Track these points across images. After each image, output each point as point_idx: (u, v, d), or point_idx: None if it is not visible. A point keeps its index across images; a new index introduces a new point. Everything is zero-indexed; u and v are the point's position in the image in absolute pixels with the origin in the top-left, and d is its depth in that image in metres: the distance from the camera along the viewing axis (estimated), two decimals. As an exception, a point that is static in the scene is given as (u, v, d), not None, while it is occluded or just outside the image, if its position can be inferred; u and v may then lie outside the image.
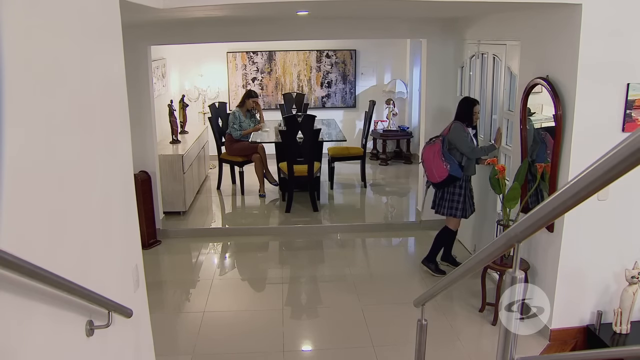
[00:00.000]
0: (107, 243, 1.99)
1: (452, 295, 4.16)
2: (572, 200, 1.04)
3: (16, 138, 1.28)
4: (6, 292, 1.22)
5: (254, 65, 8.47)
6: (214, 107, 7.27)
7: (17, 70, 1.30)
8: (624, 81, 3.18)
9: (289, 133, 5.88)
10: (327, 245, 5.50)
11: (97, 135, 1.90)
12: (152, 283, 3.28)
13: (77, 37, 1.73)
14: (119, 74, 2.18)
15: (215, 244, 5.57)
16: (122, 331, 2.09)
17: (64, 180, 1.59)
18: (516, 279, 1.40)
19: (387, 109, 8.36)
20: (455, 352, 3.50)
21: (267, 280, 4.71)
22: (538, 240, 3.64)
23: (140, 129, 5.13)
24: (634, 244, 3.43)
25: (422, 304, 2.37)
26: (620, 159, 0.87)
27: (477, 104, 4.19)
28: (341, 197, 6.91)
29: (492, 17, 4.45)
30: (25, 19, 1.36)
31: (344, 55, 8.52)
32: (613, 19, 3.12)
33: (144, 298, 2.48)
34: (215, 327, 3.86)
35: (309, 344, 3.76)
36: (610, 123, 3.23)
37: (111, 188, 2.05)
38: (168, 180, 5.81)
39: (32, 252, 1.30)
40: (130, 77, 2.55)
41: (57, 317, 1.52)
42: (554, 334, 3.54)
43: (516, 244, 1.36)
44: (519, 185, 3.58)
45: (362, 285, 4.46)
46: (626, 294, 3.37)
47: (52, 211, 1.50)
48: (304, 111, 7.55)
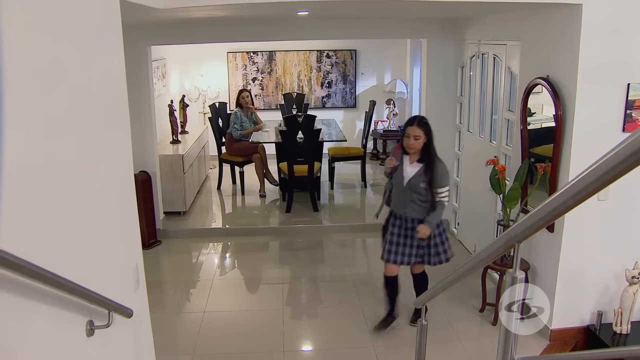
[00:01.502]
0: (108, 243, 1.99)
1: (452, 296, 4.16)
2: (573, 201, 1.04)
3: (16, 138, 1.28)
4: (6, 292, 1.22)
5: (254, 65, 8.47)
6: (214, 107, 7.27)
7: (18, 70, 1.30)
8: (624, 81, 3.18)
9: (289, 133, 5.88)
10: (328, 245, 5.50)
11: (97, 135, 1.90)
12: (152, 283, 3.28)
13: (77, 37, 1.73)
14: (119, 74, 2.18)
15: (216, 244, 5.57)
16: (123, 331, 2.09)
17: (64, 180, 1.59)
18: (516, 279, 1.40)
19: (388, 109, 8.36)
20: (456, 352, 3.50)
21: (268, 280, 4.71)
22: (538, 241, 3.64)
23: (140, 128, 5.13)
24: (634, 244, 3.43)
25: (423, 304, 2.37)
26: (621, 159, 0.87)
27: (409, 126, 3.41)
28: (341, 197, 6.91)
29: (493, 17, 4.45)
30: (26, 19, 1.36)
31: (344, 55, 8.52)
32: (613, 19, 3.12)
33: (144, 298, 2.48)
34: (216, 327, 3.86)
35: (309, 344, 3.76)
36: (611, 123, 3.22)
37: (111, 188, 2.05)
38: (168, 180, 5.81)
39: (32, 251, 1.30)
40: (131, 77, 2.55)
41: (57, 317, 1.52)
42: (554, 334, 3.54)
43: (516, 244, 1.36)
44: (519, 185, 3.58)
45: (362, 285, 4.46)
46: (626, 294, 3.37)
47: (53, 211, 1.50)
48: (304, 111, 7.55)
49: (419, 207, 3.44)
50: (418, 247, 3.50)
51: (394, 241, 3.55)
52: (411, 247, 3.51)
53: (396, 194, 3.55)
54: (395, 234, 3.55)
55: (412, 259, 3.52)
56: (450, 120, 5.39)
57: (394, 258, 3.53)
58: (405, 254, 3.52)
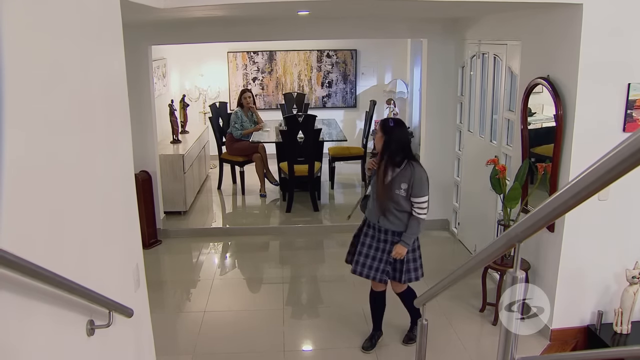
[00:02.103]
0: (108, 242, 1.99)
1: (452, 296, 4.16)
2: (573, 200, 1.04)
3: (17, 138, 1.28)
4: (7, 292, 1.22)
5: (254, 65, 8.47)
6: (214, 107, 7.27)
7: (18, 70, 1.30)
8: (625, 81, 3.18)
9: (290, 133, 5.88)
10: (328, 245, 5.50)
11: (97, 135, 1.90)
12: (152, 283, 3.28)
13: (77, 37, 1.73)
14: (119, 74, 2.18)
15: (216, 243, 5.57)
16: (123, 331, 2.09)
17: (64, 180, 1.59)
18: (517, 279, 1.40)
19: (388, 108, 8.36)
20: (456, 352, 3.50)
21: (268, 280, 4.71)
22: (539, 241, 3.64)
23: (140, 128, 5.13)
24: (634, 244, 3.43)
25: (423, 304, 2.37)
26: (621, 159, 0.87)
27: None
28: (342, 197, 6.91)
29: (493, 17, 4.44)
30: (26, 19, 1.36)
31: (344, 55, 8.52)
32: (614, 19, 3.12)
33: (144, 298, 2.48)
34: (216, 326, 3.86)
35: (309, 344, 3.76)
36: (611, 123, 3.22)
37: (112, 188, 2.05)
38: (169, 180, 5.81)
39: (32, 251, 1.30)
40: (131, 77, 2.55)
41: (58, 316, 1.52)
42: (554, 334, 3.54)
43: (517, 244, 1.36)
44: (520, 185, 3.58)
45: (362, 285, 4.45)
46: (627, 294, 3.37)
47: (53, 211, 1.50)
48: (304, 111, 7.55)
49: (394, 217, 3.18)
50: (387, 262, 3.27)
51: (363, 252, 3.31)
52: (380, 261, 3.27)
53: (372, 200, 3.29)
54: (367, 245, 3.31)
55: (381, 276, 3.28)
56: (450, 120, 5.39)
57: (361, 270, 3.31)
58: (373, 268, 3.28)
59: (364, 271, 3.32)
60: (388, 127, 3.18)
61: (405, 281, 3.29)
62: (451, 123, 5.39)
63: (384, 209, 3.19)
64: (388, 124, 3.20)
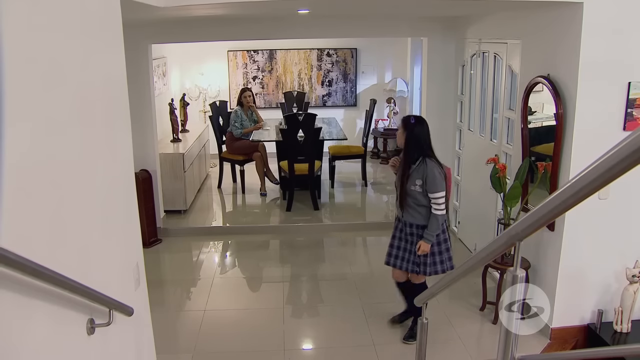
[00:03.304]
0: (108, 241, 1.99)
1: (453, 295, 4.16)
2: (573, 199, 1.04)
3: (17, 136, 1.28)
4: (7, 291, 1.22)
5: (254, 64, 8.47)
6: (214, 105, 7.27)
7: (18, 70, 1.30)
8: (625, 80, 3.18)
9: (290, 132, 5.88)
10: (328, 244, 5.50)
11: (97, 133, 1.90)
12: (153, 281, 3.28)
13: (77, 35, 1.73)
14: (119, 73, 2.18)
15: (216, 242, 5.58)
16: (123, 329, 2.09)
17: (64, 178, 1.59)
18: (517, 278, 1.40)
19: (388, 107, 8.36)
20: (456, 350, 3.51)
21: (268, 279, 4.71)
22: (539, 239, 3.64)
23: (141, 127, 5.13)
24: (634, 243, 3.43)
25: (423, 302, 2.37)
26: (621, 157, 0.87)
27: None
28: (342, 196, 6.91)
29: (493, 15, 4.44)
30: (26, 18, 1.36)
31: (344, 53, 8.51)
32: (614, 18, 3.11)
33: (144, 296, 2.48)
34: (216, 325, 3.86)
35: (309, 343, 3.76)
36: (611, 122, 3.22)
37: (112, 186, 2.05)
38: (169, 179, 5.81)
39: (33, 250, 1.30)
40: (131, 76, 2.54)
41: (58, 315, 1.52)
42: (554, 332, 3.54)
43: (517, 243, 1.36)
44: (520, 184, 3.58)
45: (362, 283, 4.46)
46: (627, 292, 3.37)
47: (53, 210, 1.50)
48: (304, 110, 7.55)
49: (414, 211, 3.33)
50: (415, 254, 3.39)
51: (394, 244, 3.52)
52: (409, 252, 3.44)
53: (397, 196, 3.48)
54: (397, 237, 3.51)
55: (408, 266, 3.43)
56: (450, 119, 5.39)
57: (392, 261, 3.51)
58: (399, 258, 3.47)
59: (394, 262, 3.51)
60: (409, 124, 3.30)
61: (432, 273, 3.39)
62: (451, 122, 5.38)
63: (405, 204, 3.36)
64: (409, 120, 3.33)
